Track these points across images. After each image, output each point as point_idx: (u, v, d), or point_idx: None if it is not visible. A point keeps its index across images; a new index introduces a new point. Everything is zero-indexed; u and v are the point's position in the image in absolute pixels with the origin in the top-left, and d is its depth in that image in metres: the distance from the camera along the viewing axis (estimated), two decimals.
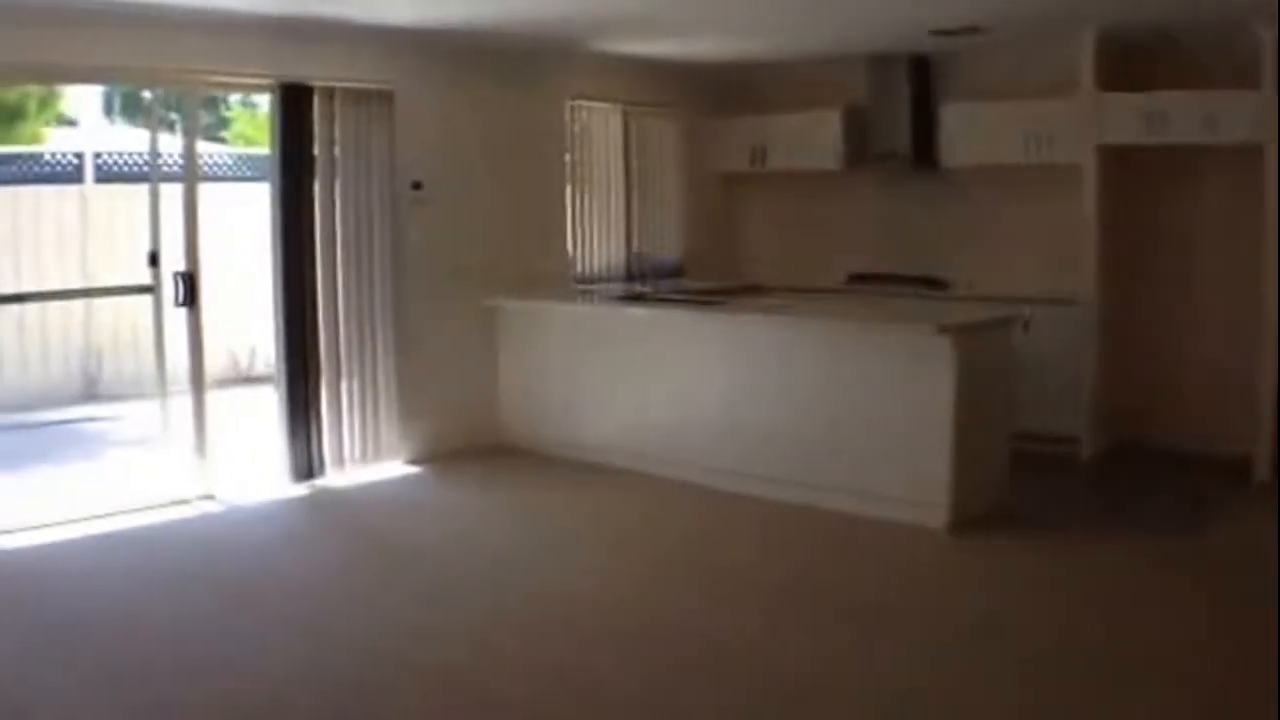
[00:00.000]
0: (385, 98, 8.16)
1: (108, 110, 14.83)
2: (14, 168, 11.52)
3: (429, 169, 8.45)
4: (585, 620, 5.57)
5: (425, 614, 5.67)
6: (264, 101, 7.91)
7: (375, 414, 8.32)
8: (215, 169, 12.55)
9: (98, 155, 11.72)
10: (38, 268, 10.75)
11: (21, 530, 6.84)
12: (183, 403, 7.64)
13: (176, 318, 7.55)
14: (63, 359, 11.20)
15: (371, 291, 8.21)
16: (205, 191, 7.66)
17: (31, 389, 10.83)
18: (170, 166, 7.86)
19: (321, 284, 7.95)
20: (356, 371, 8.20)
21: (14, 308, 10.27)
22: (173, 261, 7.48)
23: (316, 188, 7.87)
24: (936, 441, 6.71)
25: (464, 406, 8.80)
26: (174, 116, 8.60)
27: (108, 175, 11.66)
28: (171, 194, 7.51)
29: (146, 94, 8.04)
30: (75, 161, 11.64)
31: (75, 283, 10.81)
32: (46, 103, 13.67)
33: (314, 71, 7.77)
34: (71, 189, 11.46)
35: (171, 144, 8.26)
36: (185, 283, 7.47)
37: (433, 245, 8.50)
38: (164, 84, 7.53)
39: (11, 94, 12.83)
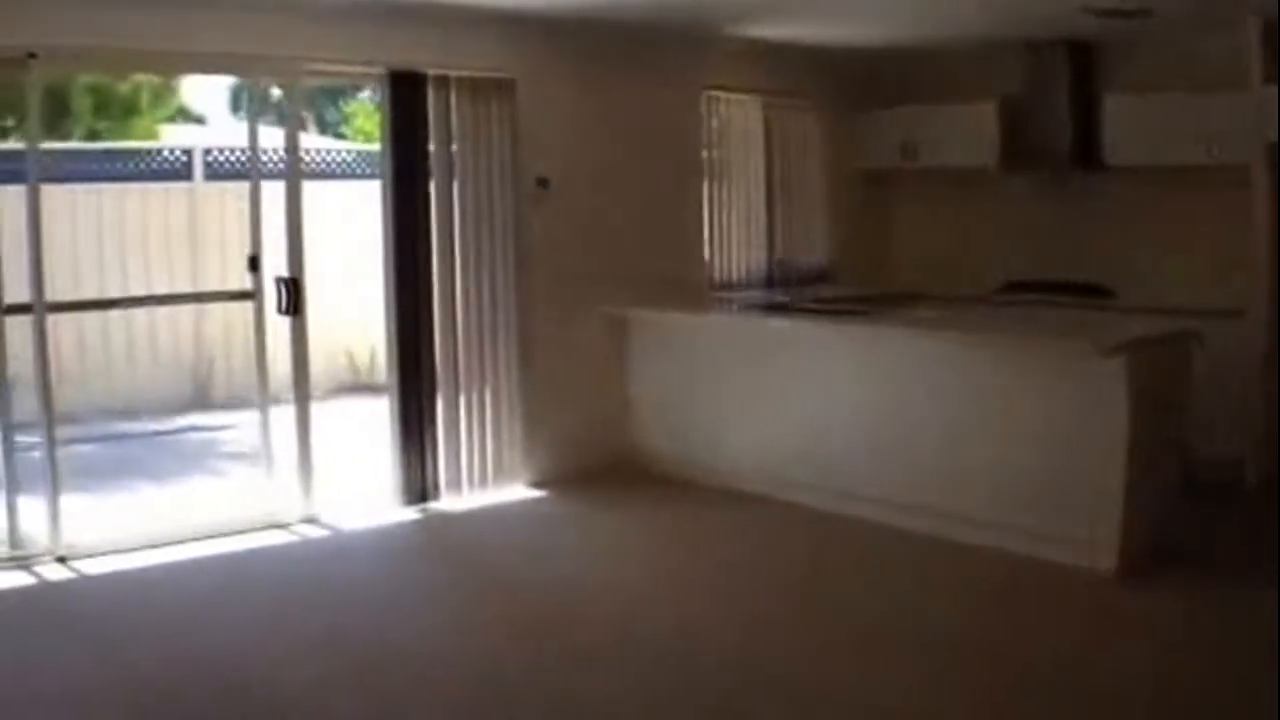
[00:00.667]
0: (506, 87, 7.60)
1: (234, 107, 14.58)
2: (120, 164, 11.25)
3: (554, 165, 7.85)
4: (711, 674, 4.97)
5: (530, 657, 5.17)
6: None
7: (496, 432, 7.74)
8: (337, 166, 12.39)
9: (208, 152, 11.47)
10: (145, 269, 10.40)
11: (108, 553, 6.41)
12: (289, 416, 7.14)
13: (283, 324, 7.04)
14: (173, 365, 10.88)
15: (492, 298, 7.66)
16: (327, 189, 7.11)
17: (140, 396, 10.53)
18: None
19: (438, 290, 7.44)
20: (475, 385, 7.65)
21: (119, 311, 9.89)
22: (278, 265, 6.97)
23: (432, 185, 7.37)
24: (1106, 473, 6.01)
25: (592, 424, 8.17)
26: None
27: (219, 173, 11.39)
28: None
29: (275, 89, 7.54)
30: (185, 159, 11.40)
31: (184, 285, 10.41)
32: (160, 97, 13.36)
33: (427, 59, 7.29)
34: (180, 187, 11.19)
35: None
36: (288, 289, 6.94)
37: (558, 248, 7.90)
38: (266, 73, 7.12)
39: (124, 87, 12.54)
